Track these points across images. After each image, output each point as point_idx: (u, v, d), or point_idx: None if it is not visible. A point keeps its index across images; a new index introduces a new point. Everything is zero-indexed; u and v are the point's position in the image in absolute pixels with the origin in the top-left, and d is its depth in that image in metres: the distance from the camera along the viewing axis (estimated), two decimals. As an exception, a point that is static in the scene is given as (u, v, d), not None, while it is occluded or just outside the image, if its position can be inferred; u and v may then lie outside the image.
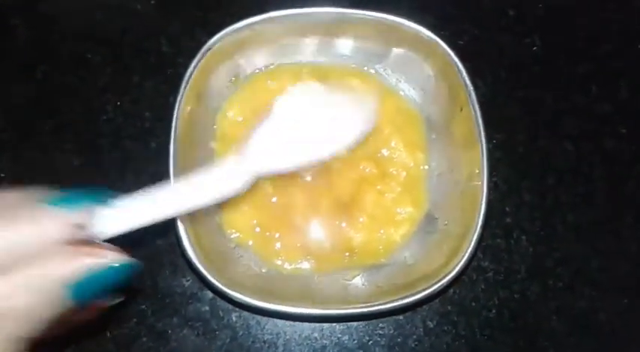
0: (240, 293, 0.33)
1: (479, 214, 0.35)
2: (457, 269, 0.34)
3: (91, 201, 0.21)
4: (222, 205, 0.39)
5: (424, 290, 0.34)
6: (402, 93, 0.42)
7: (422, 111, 0.41)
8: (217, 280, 0.33)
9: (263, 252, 0.38)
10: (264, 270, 0.37)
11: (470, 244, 0.34)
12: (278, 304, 0.34)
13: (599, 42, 0.46)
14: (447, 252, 0.35)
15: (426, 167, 0.40)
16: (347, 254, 0.38)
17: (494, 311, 0.40)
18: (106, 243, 0.22)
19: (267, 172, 0.28)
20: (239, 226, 0.38)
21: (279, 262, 0.37)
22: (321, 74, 0.42)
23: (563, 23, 0.46)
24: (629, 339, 0.40)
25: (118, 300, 0.23)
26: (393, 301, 0.33)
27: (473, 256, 0.35)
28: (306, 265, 0.37)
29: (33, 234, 0.19)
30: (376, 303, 0.33)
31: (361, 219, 0.38)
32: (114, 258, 0.21)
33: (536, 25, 0.46)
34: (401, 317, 0.39)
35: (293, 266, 0.37)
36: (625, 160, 0.43)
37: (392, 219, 0.39)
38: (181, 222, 0.34)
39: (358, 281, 0.37)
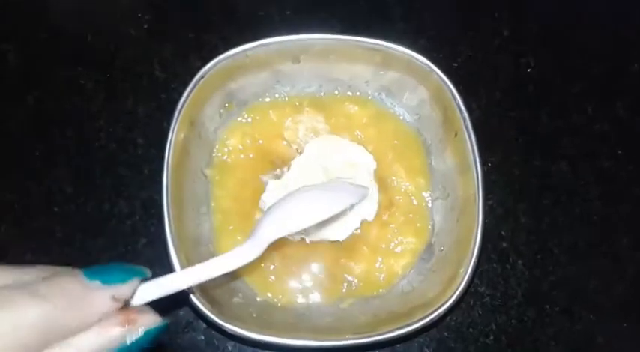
0: (233, 325, 0.33)
1: (475, 240, 0.34)
2: (454, 297, 0.34)
3: (134, 276, 0.23)
4: (216, 237, 0.38)
5: (422, 319, 0.33)
6: (400, 117, 0.42)
7: (419, 136, 0.41)
8: (210, 311, 0.33)
9: (258, 283, 0.37)
10: (258, 300, 0.37)
11: (467, 271, 0.34)
12: (272, 335, 0.33)
13: (595, 61, 0.45)
14: (443, 279, 0.35)
15: (428, 193, 0.40)
16: (345, 285, 0.38)
17: (491, 337, 0.40)
18: (139, 307, 0.24)
19: (278, 237, 0.31)
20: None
21: (273, 293, 0.37)
22: (320, 104, 0.42)
23: (558, 43, 0.46)
24: (627, 363, 0.40)
25: None
26: (391, 331, 0.33)
27: (470, 283, 0.35)
28: (301, 298, 0.37)
29: (81, 312, 0.21)
30: (374, 333, 0.33)
31: (364, 249, 0.38)
32: (148, 323, 0.23)
33: (530, 46, 0.45)
34: (398, 344, 0.39)
35: (287, 298, 0.37)
36: (621, 180, 0.43)
37: (394, 250, 0.39)
38: (175, 252, 0.33)
39: (355, 310, 0.37)
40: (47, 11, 0.47)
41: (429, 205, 0.40)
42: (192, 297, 0.33)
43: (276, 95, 0.42)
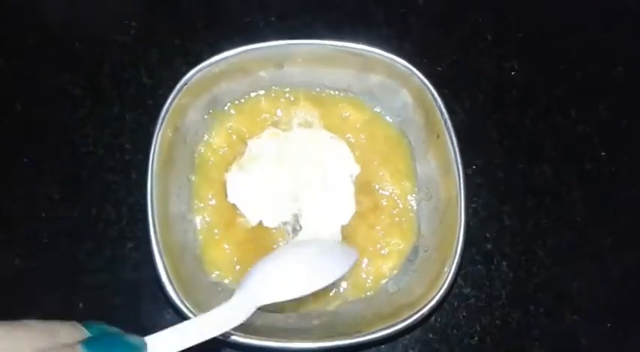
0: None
1: (457, 241, 0.35)
2: (438, 297, 0.34)
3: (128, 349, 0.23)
4: (202, 242, 0.39)
5: (407, 319, 0.33)
6: (386, 119, 0.42)
7: (404, 139, 0.42)
8: (194, 314, 0.33)
9: None
10: None
11: (450, 271, 0.34)
12: (257, 339, 0.33)
13: (578, 65, 0.46)
14: (427, 280, 0.35)
15: (414, 195, 0.40)
16: (334, 290, 0.38)
17: (476, 338, 0.40)
18: None
19: (268, 303, 0.31)
20: (219, 264, 0.38)
21: None
22: (317, 100, 0.42)
23: (541, 47, 0.46)
24: (611, 363, 0.40)
25: None
26: (376, 332, 0.33)
27: (453, 283, 0.35)
28: (288, 302, 0.37)
29: None
30: (360, 335, 0.33)
31: None
32: None
33: (514, 49, 0.46)
34: (382, 345, 0.39)
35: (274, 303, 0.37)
36: (605, 183, 0.43)
37: (380, 252, 0.39)
38: (160, 257, 0.34)
39: (342, 312, 0.37)
40: (35, 19, 0.47)
41: (415, 208, 0.40)
42: (175, 298, 0.33)
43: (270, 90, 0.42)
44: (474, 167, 0.43)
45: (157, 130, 0.36)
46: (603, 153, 0.44)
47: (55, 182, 0.42)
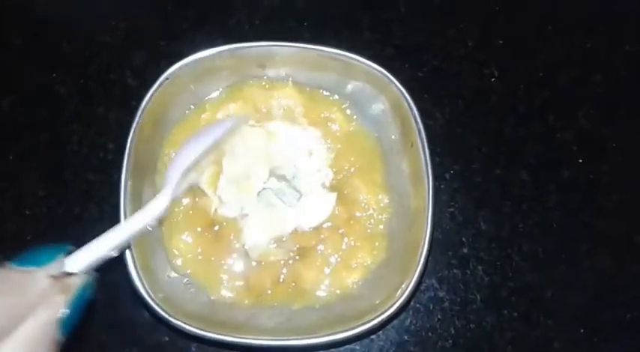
0: (179, 321, 0.34)
1: (422, 249, 0.35)
2: (399, 302, 0.35)
3: (60, 253, 0.26)
4: (167, 234, 0.39)
5: (368, 322, 0.34)
6: (365, 128, 0.42)
7: (382, 150, 0.42)
8: (161, 308, 0.34)
9: (207, 281, 0.38)
10: (212, 298, 0.38)
11: (413, 278, 0.35)
12: (220, 334, 0.34)
13: (558, 72, 0.46)
14: (392, 285, 0.36)
15: (388, 210, 0.40)
16: (293, 284, 0.38)
17: (450, 341, 0.40)
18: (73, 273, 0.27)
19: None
20: (183, 255, 0.38)
21: (223, 292, 0.38)
22: (305, 93, 0.42)
23: (522, 54, 0.47)
24: (583, 368, 0.41)
25: None
26: (338, 332, 0.34)
27: (415, 290, 0.36)
28: (250, 298, 0.38)
29: (25, 295, 0.23)
30: (320, 335, 0.34)
31: (318, 260, 0.39)
32: (79, 282, 0.26)
33: (495, 56, 0.46)
34: (357, 346, 0.40)
35: (237, 297, 0.38)
36: (582, 189, 0.44)
37: (347, 264, 0.39)
38: (130, 253, 0.34)
39: (305, 313, 0.37)
40: (23, 18, 0.48)
41: (388, 222, 0.40)
42: (141, 290, 0.34)
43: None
44: (451, 172, 0.43)
45: (135, 120, 0.37)
46: (581, 160, 0.44)
47: (39, 180, 0.43)
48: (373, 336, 0.40)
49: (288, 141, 0.41)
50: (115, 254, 0.31)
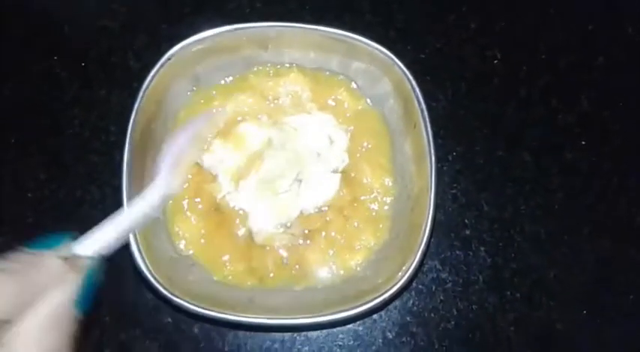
0: (182, 300, 0.34)
1: (424, 230, 0.35)
2: (401, 282, 0.34)
3: (67, 237, 0.27)
4: (171, 216, 0.39)
5: (369, 301, 0.34)
6: (373, 106, 0.42)
7: (389, 133, 0.41)
8: (164, 288, 0.34)
9: (210, 263, 0.38)
10: (215, 279, 0.38)
11: (415, 258, 0.35)
12: (223, 313, 0.34)
13: (560, 55, 0.46)
14: (394, 266, 0.36)
15: (393, 192, 0.40)
16: (297, 266, 0.38)
17: (452, 322, 0.40)
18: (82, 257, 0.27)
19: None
20: (187, 237, 0.39)
21: (226, 273, 0.38)
22: (311, 76, 0.42)
23: (524, 37, 0.47)
24: (586, 350, 0.41)
25: None
26: (341, 311, 0.34)
27: (417, 271, 0.36)
28: (253, 279, 0.38)
29: (39, 275, 0.24)
30: (325, 313, 0.34)
31: (322, 242, 0.39)
32: (89, 263, 0.26)
33: (497, 39, 0.46)
34: (360, 327, 0.40)
35: (240, 279, 0.38)
36: (584, 172, 0.44)
37: (351, 246, 0.39)
38: (133, 234, 0.34)
39: (308, 293, 0.38)
40: (25, 2, 0.47)
41: (392, 204, 0.40)
42: (145, 272, 0.34)
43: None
44: (454, 153, 0.43)
45: (137, 101, 0.37)
46: (583, 143, 0.44)
47: (41, 163, 0.43)
48: (376, 316, 0.40)
49: (311, 134, 0.41)
50: (119, 242, 0.30)
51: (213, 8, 0.47)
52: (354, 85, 0.42)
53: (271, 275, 0.38)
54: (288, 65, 0.42)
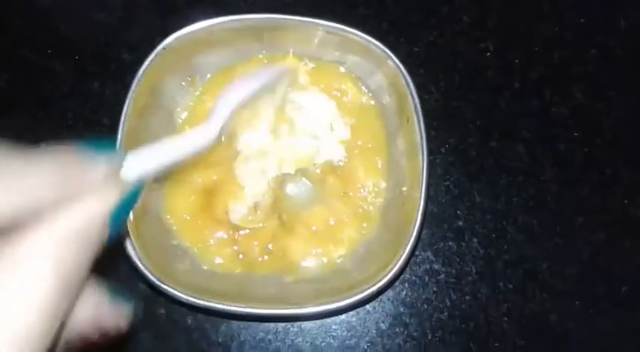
0: (172, 288, 0.34)
1: (416, 219, 0.35)
2: (393, 272, 0.35)
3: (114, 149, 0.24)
4: (162, 201, 0.39)
5: (362, 291, 0.34)
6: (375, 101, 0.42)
7: (386, 130, 0.41)
8: (154, 276, 0.34)
9: (198, 249, 0.38)
10: (205, 267, 0.38)
11: (406, 248, 0.35)
12: (211, 301, 0.34)
13: (553, 47, 0.46)
14: (385, 258, 0.36)
15: (384, 191, 0.40)
16: (280, 254, 0.38)
17: (445, 313, 0.40)
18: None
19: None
20: (175, 222, 0.39)
21: (214, 260, 0.38)
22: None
23: (518, 29, 0.47)
24: (579, 341, 0.41)
25: None
26: (332, 302, 0.34)
27: (409, 261, 0.36)
28: (241, 268, 0.38)
29: (79, 177, 0.20)
30: (316, 303, 0.34)
31: (303, 233, 0.39)
32: (133, 186, 0.23)
33: (490, 31, 0.46)
34: (353, 318, 0.40)
35: (228, 267, 0.38)
36: (577, 163, 0.44)
37: (334, 238, 0.39)
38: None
39: (298, 285, 0.38)
40: (20, -4, 0.48)
41: (382, 204, 0.40)
42: (135, 259, 0.34)
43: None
44: (446, 146, 0.43)
45: (131, 90, 0.37)
46: (576, 134, 0.44)
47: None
48: (369, 307, 0.40)
49: (312, 116, 0.41)
50: (164, 170, 0.29)
51: (209, 2, 0.47)
52: (355, 77, 0.42)
53: (259, 259, 0.38)
54: (283, 53, 0.42)
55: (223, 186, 0.39)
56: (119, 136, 0.36)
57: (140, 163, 0.25)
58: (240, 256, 0.38)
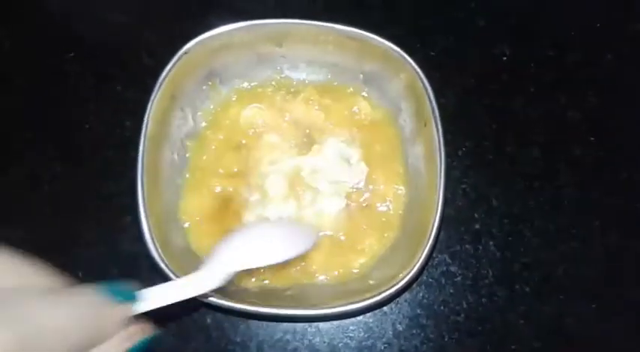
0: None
1: (433, 223, 0.35)
2: (411, 275, 0.35)
3: (130, 292, 0.27)
4: (182, 208, 0.40)
5: (380, 293, 0.34)
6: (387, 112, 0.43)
7: (402, 138, 0.42)
8: (175, 275, 0.34)
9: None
10: None
11: (423, 251, 0.35)
12: (231, 301, 0.35)
13: (568, 51, 0.47)
14: (403, 260, 0.36)
15: (405, 200, 0.41)
16: (303, 263, 0.39)
17: (462, 315, 0.41)
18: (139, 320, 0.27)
19: (238, 269, 0.33)
20: (194, 228, 0.40)
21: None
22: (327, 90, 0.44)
23: (532, 33, 0.47)
24: (595, 344, 0.41)
25: None
26: (351, 303, 0.34)
27: (426, 263, 0.36)
28: (256, 280, 0.39)
29: (104, 323, 0.24)
30: (335, 305, 0.34)
31: (326, 244, 0.39)
32: (147, 333, 0.27)
33: (505, 35, 0.47)
34: (371, 319, 0.41)
35: (245, 278, 0.39)
36: (592, 167, 0.44)
37: (356, 248, 0.39)
38: (147, 224, 0.35)
39: (316, 287, 0.38)
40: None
41: (402, 212, 0.40)
42: (159, 261, 0.35)
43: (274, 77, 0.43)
44: (463, 149, 0.44)
45: (153, 94, 0.38)
46: (592, 138, 0.45)
47: (56, 157, 0.44)
48: (386, 309, 0.40)
49: (333, 160, 0.42)
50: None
51: (227, 6, 0.48)
52: (364, 94, 0.43)
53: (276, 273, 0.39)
54: (303, 83, 0.44)
55: (238, 197, 0.40)
56: (141, 143, 0.37)
57: (150, 302, 0.27)
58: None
